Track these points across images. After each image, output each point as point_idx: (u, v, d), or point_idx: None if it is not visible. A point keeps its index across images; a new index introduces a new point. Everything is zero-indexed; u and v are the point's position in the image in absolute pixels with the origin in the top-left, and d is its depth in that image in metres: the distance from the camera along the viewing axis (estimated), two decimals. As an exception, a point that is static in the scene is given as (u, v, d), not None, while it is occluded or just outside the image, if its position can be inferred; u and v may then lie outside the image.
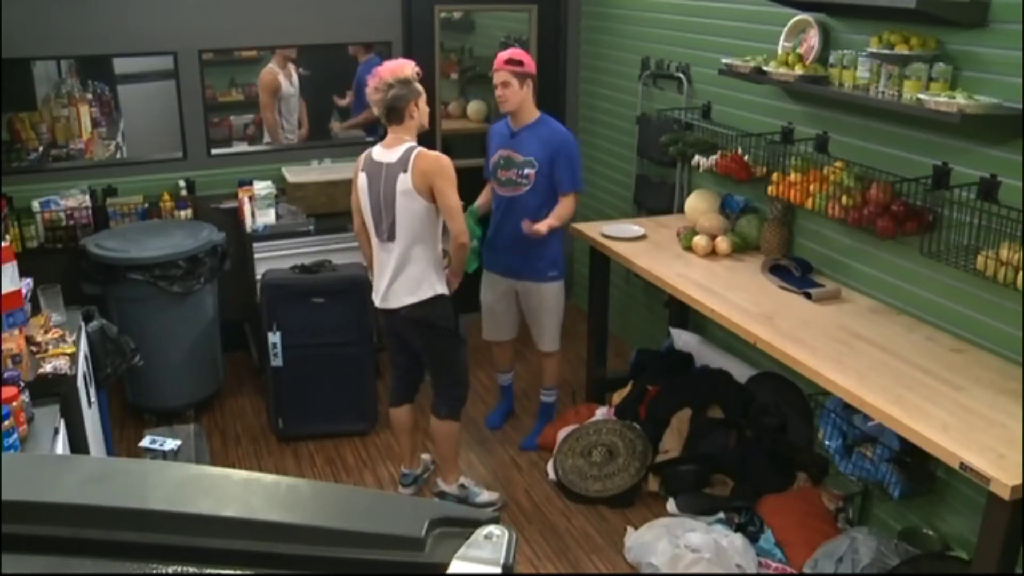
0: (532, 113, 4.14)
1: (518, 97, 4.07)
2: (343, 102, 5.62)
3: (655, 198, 5.01)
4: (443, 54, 5.65)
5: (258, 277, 4.59)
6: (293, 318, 4.36)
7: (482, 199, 4.37)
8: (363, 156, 3.66)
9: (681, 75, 4.72)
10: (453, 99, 6.04)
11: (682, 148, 4.52)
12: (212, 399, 4.91)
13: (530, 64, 4.09)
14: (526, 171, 4.12)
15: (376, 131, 5.43)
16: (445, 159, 3.55)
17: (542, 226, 3.98)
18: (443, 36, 5.59)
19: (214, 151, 5.18)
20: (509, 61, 4.06)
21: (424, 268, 3.60)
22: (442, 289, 3.66)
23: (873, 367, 3.07)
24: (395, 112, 3.55)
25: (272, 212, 4.81)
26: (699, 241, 4.18)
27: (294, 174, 5.10)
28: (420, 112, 3.59)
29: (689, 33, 4.67)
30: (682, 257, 4.17)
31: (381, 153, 3.59)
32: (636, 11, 5.13)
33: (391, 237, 3.59)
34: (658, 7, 4.92)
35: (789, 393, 3.97)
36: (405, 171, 3.49)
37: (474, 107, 6.02)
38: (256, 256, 4.75)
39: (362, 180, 3.62)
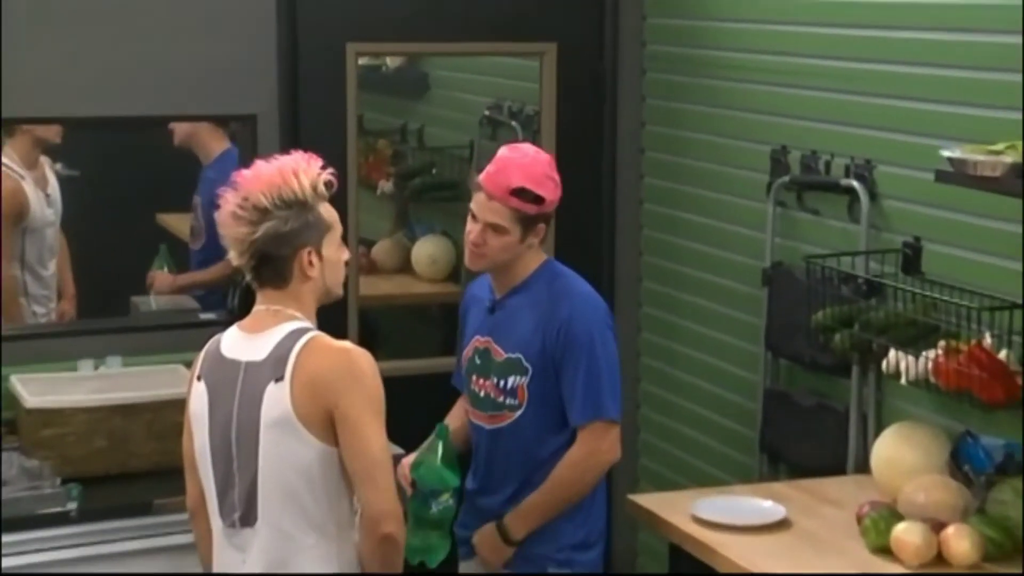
0: (529, 264, 4.35)
1: (508, 253, 4.28)
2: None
3: (805, 440, 5.10)
4: (365, 141, 5.89)
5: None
6: None
7: (458, 419, 4.58)
8: (204, 350, 3.84)
9: (855, 183, 4.83)
10: (384, 235, 6.26)
11: (860, 335, 4.56)
12: None
13: (553, 198, 4.27)
14: (511, 382, 4.30)
15: (223, 303, 5.48)
16: (361, 356, 3.68)
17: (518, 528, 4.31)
18: (365, 105, 5.84)
19: None
20: (519, 193, 4.16)
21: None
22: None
23: None
24: (271, 265, 3.68)
25: (-12, 472, 4.79)
26: (907, 536, 4.09)
27: (39, 390, 5.11)
28: (327, 264, 3.75)
29: (869, 97, 4.83)
30: (871, 566, 4.14)
31: (237, 343, 3.73)
32: (758, 54, 5.36)
33: (248, 519, 3.65)
34: (804, 46, 5.14)
35: None
36: (280, 378, 3.59)
37: (425, 250, 6.26)
38: (-53, 567, 4.71)
39: (199, 397, 3.75)
